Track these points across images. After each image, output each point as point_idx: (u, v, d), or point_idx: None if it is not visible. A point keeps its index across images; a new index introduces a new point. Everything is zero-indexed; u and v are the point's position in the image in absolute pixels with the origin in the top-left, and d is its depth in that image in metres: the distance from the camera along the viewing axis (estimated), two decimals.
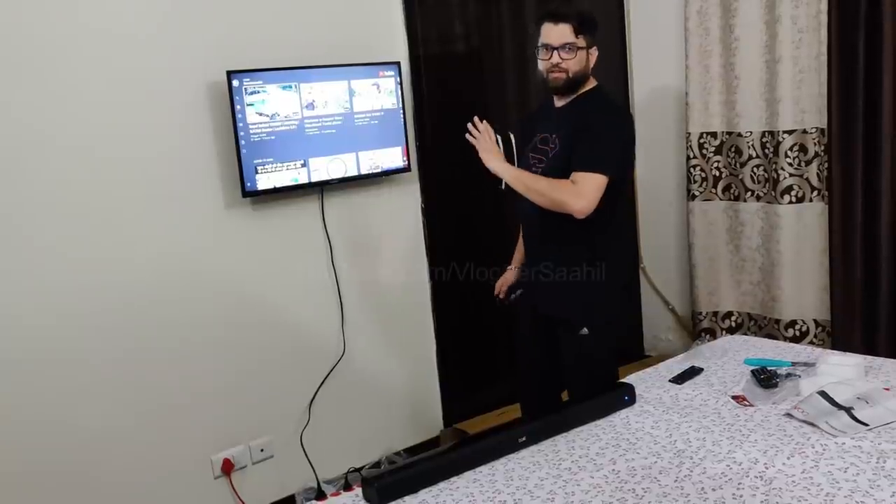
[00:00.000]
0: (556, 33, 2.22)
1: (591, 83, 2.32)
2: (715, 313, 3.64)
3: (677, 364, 2.34)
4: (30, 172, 2.33)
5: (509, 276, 2.63)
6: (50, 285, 2.39)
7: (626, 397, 2.04)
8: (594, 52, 2.28)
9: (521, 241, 2.61)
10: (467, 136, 2.31)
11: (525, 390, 2.58)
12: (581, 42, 2.23)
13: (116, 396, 2.53)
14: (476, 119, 2.33)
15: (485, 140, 2.32)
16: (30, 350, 2.36)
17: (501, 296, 2.63)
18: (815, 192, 3.21)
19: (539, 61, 2.29)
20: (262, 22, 2.72)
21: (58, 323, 2.41)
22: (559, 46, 2.22)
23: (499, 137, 3.32)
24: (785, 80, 3.19)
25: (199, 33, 2.59)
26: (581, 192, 2.13)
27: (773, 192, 3.31)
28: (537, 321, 2.43)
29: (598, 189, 2.14)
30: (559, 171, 2.25)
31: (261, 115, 2.64)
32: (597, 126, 2.20)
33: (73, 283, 2.42)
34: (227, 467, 2.76)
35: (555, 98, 2.34)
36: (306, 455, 2.94)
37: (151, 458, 2.60)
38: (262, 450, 2.85)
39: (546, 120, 2.38)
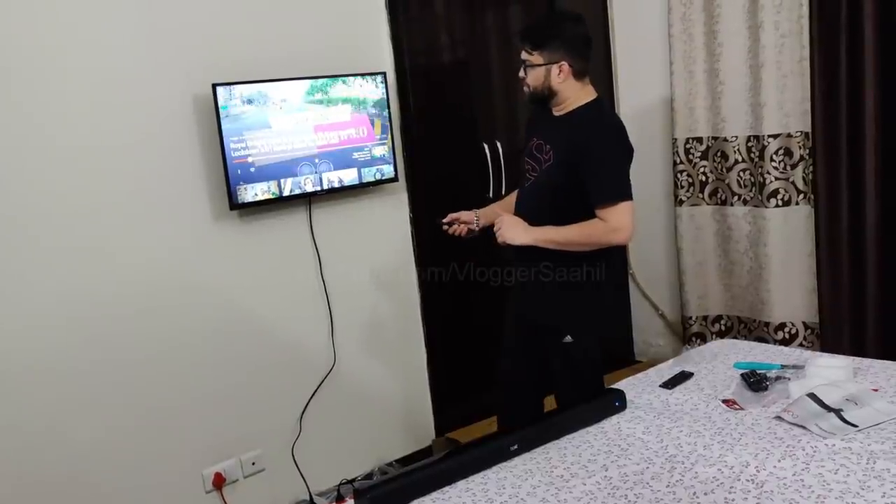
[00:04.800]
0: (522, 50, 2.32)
1: (588, 95, 2.30)
2: (704, 317, 3.65)
3: (667, 369, 2.34)
4: (16, 183, 2.32)
5: (465, 216, 2.53)
6: (37, 298, 2.37)
7: (616, 403, 2.04)
8: (561, 68, 2.24)
9: (495, 206, 2.60)
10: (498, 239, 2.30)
11: (508, 400, 2.55)
12: (536, 59, 2.26)
13: (105, 411, 2.51)
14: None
15: (506, 223, 2.30)
16: (16, 363, 2.34)
17: (445, 220, 2.54)
18: (801, 196, 3.23)
19: None
20: (248, 34, 2.72)
21: (44, 336, 2.39)
22: (522, 63, 2.31)
23: (486, 146, 3.35)
24: (769, 85, 3.21)
25: (185, 46, 2.59)
26: (617, 227, 2.19)
27: (759, 196, 3.33)
28: (522, 329, 2.43)
29: (630, 214, 2.20)
30: (552, 181, 2.26)
31: (247, 126, 2.64)
32: (602, 152, 2.21)
33: (61, 296, 2.41)
34: (219, 481, 2.75)
35: (552, 107, 2.35)
36: (298, 467, 2.93)
37: (142, 474, 2.58)
38: (253, 463, 2.84)
39: (543, 127, 2.38)
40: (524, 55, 2.29)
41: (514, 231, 2.27)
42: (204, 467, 2.73)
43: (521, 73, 2.32)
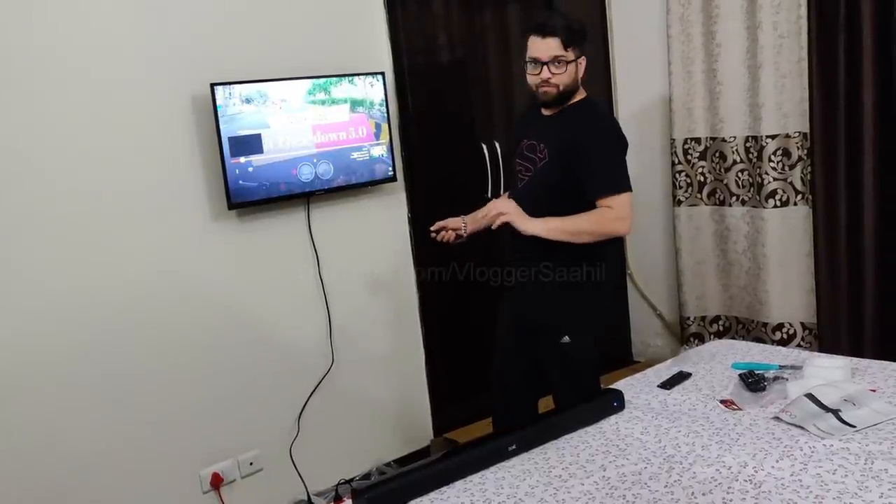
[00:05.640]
0: (543, 47, 2.19)
1: (581, 93, 2.30)
2: (703, 318, 3.65)
3: (666, 369, 2.34)
4: (12, 186, 2.31)
5: (453, 222, 2.49)
6: (34, 301, 2.37)
7: (615, 403, 2.04)
8: (583, 62, 2.26)
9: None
10: (497, 220, 2.16)
11: (503, 401, 2.54)
12: (570, 55, 2.20)
13: (102, 412, 2.50)
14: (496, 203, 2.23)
15: (514, 210, 2.17)
16: (13, 363, 2.34)
17: (433, 229, 2.50)
18: (800, 196, 3.23)
19: (528, 76, 2.26)
20: (246, 34, 2.72)
21: (41, 337, 2.38)
22: (548, 61, 2.19)
23: (484, 146, 3.35)
24: (767, 86, 3.21)
25: (183, 45, 2.58)
26: (623, 216, 2.18)
27: (757, 197, 3.33)
28: (519, 330, 2.43)
29: (631, 204, 2.19)
30: (547, 180, 2.26)
31: (245, 126, 2.64)
32: (600, 145, 2.21)
33: (58, 298, 2.40)
34: (216, 482, 2.74)
35: (543, 107, 2.34)
36: (296, 468, 2.92)
37: (139, 475, 2.58)
38: (251, 463, 2.83)
39: (533, 127, 2.37)
40: (558, 51, 2.18)
41: (521, 218, 2.15)
42: (201, 467, 2.73)
43: (548, 73, 2.19)
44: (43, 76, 2.34)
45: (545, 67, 2.20)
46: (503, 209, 2.16)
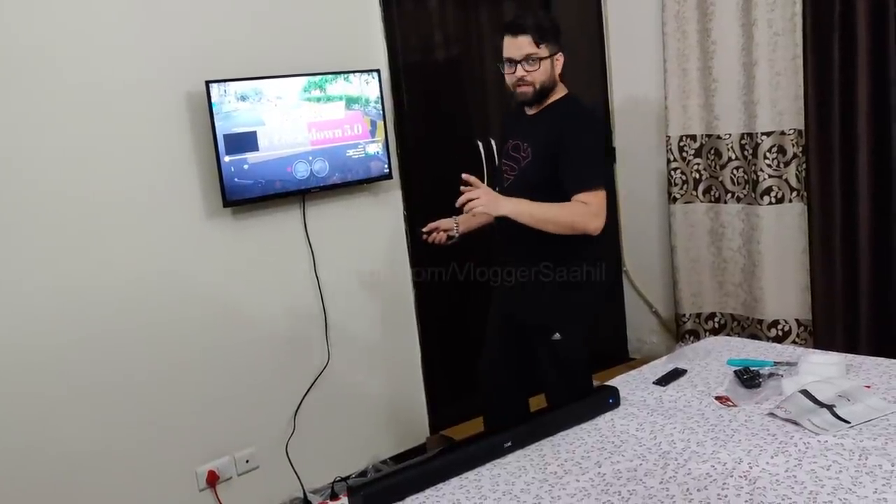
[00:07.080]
0: (515, 46, 2.21)
1: (562, 90, 2.30)
2: (698, 315, 3.66)
3: (661, 366, 2.35)
4: (5, 182, 2.31)
5: (445, 223, 2.51)
6: (29, 299, 2.36)
7: (610, 400, 2.04)
8: (560, 59, 2.25)
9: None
10: (463, 199, 2.14)
11: (496, 401, 2.54)
12: (543, 52, 2.20)
13: (98, 409, 2.50)
14: (464, 176, 2.16)
15: (483, 190, 2.15)
16: (9, 361, 2.34)
17: (424, 230, 2.51)
18: (795, 193, 3.24)
19: (505, 76, 2.27)
20: (241, 31, 2.72)
21: (37, 336, 2.38)
22: (521, 60, 2.20)
23: (480, 143, 3.35)
24: (762, 83, 3.22)
25: (178, 42, 2.58)
26: (598, 213, 2.15)
27: (752, 194, 3.34)
28: (512, 329, 2.43)
29: (605, 203, 2.17)
30: (530, 180, 2.26)
31: (240, 123, 2.63)
32: (581, 141, 2.20)
33: (53, 297, 2.40)
34: (213, 479, 2.74)
35: (525, 106, 2.34)
36: (292, 465, 2.93)
37: (135, 472, 2.58)
38: (247, 461, 2.83)
39: (517, 127, 2.38)
40: (530, 49, 2.19)
41: (493, 202, 2.14)
42: (198, 465, 2.73)
43: (522, 71, 2.21)
44: (36, 74, 2.33)
45: (518, 66, 2.21)
46: (473, 196, 2.12)
